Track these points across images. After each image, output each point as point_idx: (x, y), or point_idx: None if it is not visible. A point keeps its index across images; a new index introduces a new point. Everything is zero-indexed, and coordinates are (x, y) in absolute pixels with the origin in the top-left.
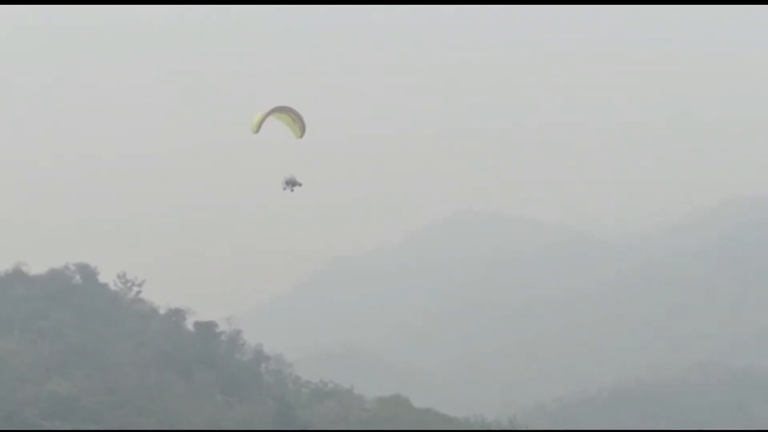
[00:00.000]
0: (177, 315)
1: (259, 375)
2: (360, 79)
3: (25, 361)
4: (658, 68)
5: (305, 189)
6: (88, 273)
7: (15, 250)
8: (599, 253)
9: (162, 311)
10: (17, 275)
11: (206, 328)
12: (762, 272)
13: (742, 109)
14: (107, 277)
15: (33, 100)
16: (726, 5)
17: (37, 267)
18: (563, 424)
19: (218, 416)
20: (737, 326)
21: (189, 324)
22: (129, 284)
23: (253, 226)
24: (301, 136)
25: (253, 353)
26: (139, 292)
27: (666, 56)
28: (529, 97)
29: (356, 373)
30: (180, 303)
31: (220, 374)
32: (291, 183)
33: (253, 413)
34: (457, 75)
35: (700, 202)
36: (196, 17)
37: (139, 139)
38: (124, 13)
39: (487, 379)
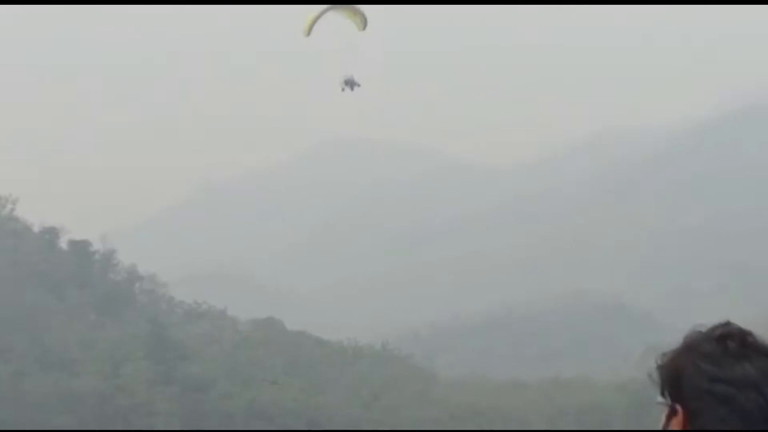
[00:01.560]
0: (51, 233)
1: (132, 295)
2: None
3: None
4: None
5: (191, 106)
6: None
7: None
8: (477, 182)
9: (36, 229)
10: None
11: (80, 247)
12: (638, 203)
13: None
14: None
15: None
16: None
17: None
18: (435, 349)
19: (91, 335)
20: (608, 257)
21: (63, 242)
22: (2, 201)
23: (132, 144)
24: (364, 28)
25: (127, 273)
26: (12, 209)
27: None
28: (409, 19)
29: (231, 295)
30: (54, 221)
31: (93, 293)
32: (350, 83)
33: (125, 333)
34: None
35: (574, 132)
36: None
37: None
38: None
39: (362, 304)
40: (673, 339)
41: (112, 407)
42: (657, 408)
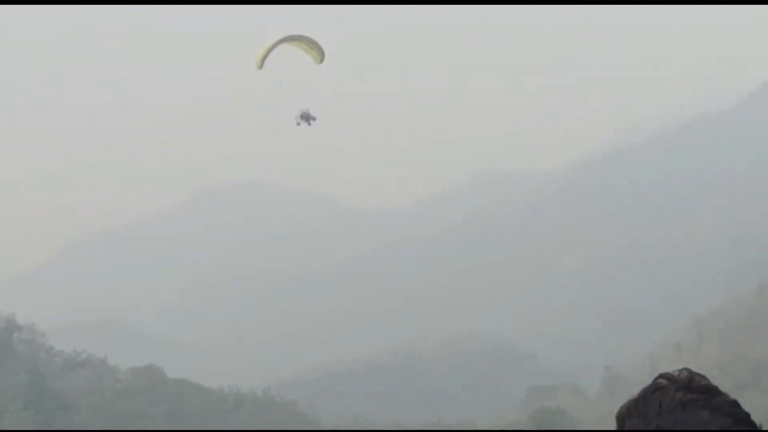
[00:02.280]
0: None
1: (11, 345)
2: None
3: None
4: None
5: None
6: None
7: None
8: (364, 226)
9: None
10: None
11: None
12: (523, 245)
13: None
14: None
15: None
16: None
17: None
18: (319, 395)
19: None
20: (493, 299)
21: None
22: None
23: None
24: (321, 61)
25: (5, 323)
26: None
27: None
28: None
29: (112, 343)
30: None
31: None
32: (306, 117)
33: (4, 383)
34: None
35: (458, 175)
36: None
37: None
38: None
39: (244, 351)
40: (557, 381)
41: None
42: None
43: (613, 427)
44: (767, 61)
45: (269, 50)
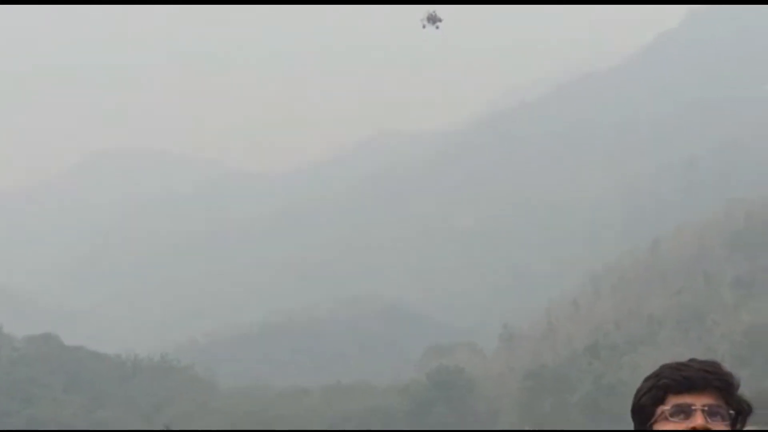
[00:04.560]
0: None
1: None
2: None
3: None
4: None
5: None
6: None
7: None
8: (254, 189)
9: None
10: None
11: None
12: (414, 206)
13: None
14: None
15: None
16: None
17: None
18: (216, 359)
19: None
20: (388, 260)
21: None
22: None
23: None
24: None
25: None
26: None
27: None
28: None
29: (7, 313)
30: None
31: None
32: (433, 19)
33: None
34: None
35: (349, 137)
36: None
37: None
38: None
39: (140, 317)
40: (454, 340)
41: None
42: (437, 408)
43: (512, 382)
44: (657, 19)
45: None
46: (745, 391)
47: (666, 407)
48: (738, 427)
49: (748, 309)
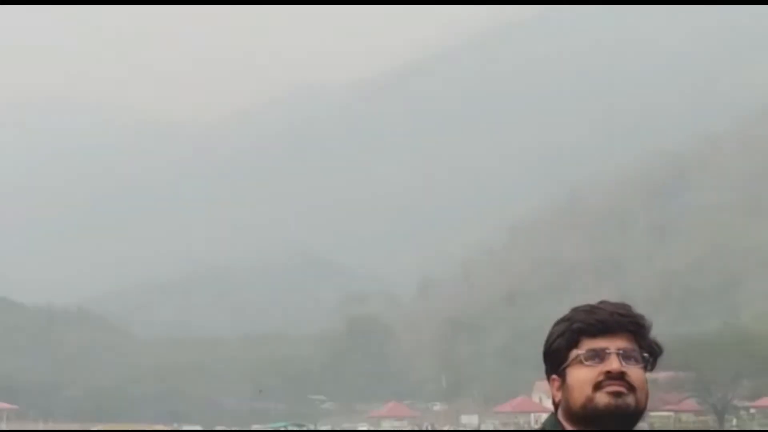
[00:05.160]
0: None
1: None
2: None
3: None
4: None
5: None
6: None
7: None
8: (169, 140)
9: None
10: None
11: None
12: (327, 155)
13: None
14: None
15: None
16: None
17: None
18: (132, 309)
19: None
20: (304, 210)
21: None
22: None
23: None
24: None
25: None
26: None
27: None
28: None
29: None
30: None
31: None
32: None
33: None
34: None
35: (268, 87)
36: None
37: None
38: None
39: (56, 266)
40: (368, 288)
41: None
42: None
43: (426, 331)
44: None
45: None
46: (660, 336)
47: (580, 351)
48: (649, 368)
49: (662, 256)
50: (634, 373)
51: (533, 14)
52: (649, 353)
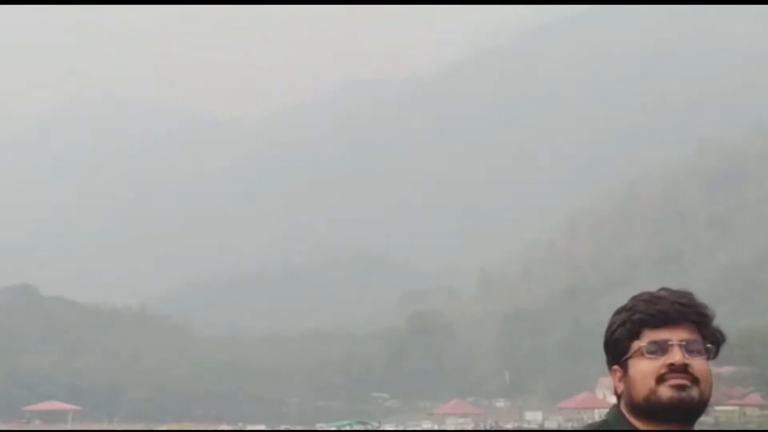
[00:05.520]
0: None
1: None
2: None
3: None
4: None
5: None
6: None
7: None
8: (224, 136)
9: None
10: None
11: None
12: (385, 153)
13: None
14: None
15: None
16: None
17: None
18: (193, 308)
19: None
20: (361, 206)
21: None
22: None
23: None
24: None
25: None
26: None
27: None
28: None
29: None
30: None
31: None
32: None
33: None
34: None
35: (320, 83)
36: None
37: None
38: None
39: (118, 266)
40: (428, 284)
41: None
42: (415, 353)
43: (490, 326)
44: None
45: None
46: (722, 330)
47: (642, 343)
48: (712, 357)
49: (723, 248)
50: (698, 364)
51: (587, 10)
52: (713, 343)
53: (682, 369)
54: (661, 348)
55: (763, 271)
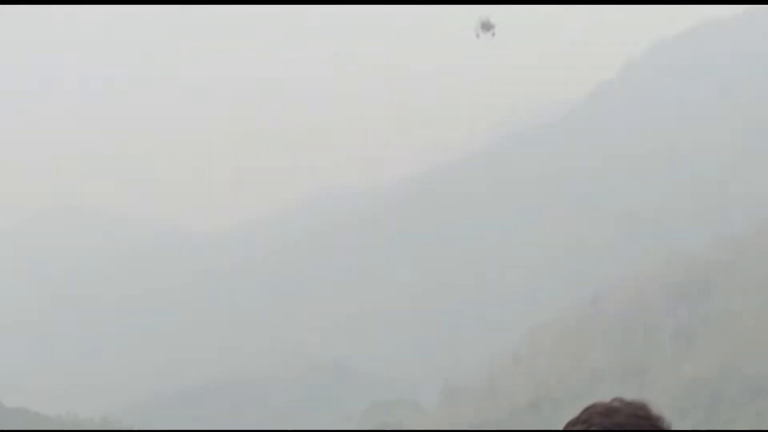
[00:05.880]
0: None
1: None
2: None
3: None
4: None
5: None
6: None
7: None
8: (186, 249)
9: None
10: None
11: None
12: (358, 261)
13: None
14: None
15: None
16: None
17: None
18: (157, 419)
19: None
20: (328, 317)
21: None
22: None
23: None
24: None
25: None
26: None
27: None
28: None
29: None
30: None
31: None
32: (487, 27)
33: None
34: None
35: (287, 195)
36: None
37: None
38: None
39: (80, 379)
40: (393, 395)
41: None
42: None
43: None
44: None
45: None
46: None
47: None
48: None
49: (687, 361)
50: None
51: (551, 120)
52: None
53: None
54: None
55: (728, 384)
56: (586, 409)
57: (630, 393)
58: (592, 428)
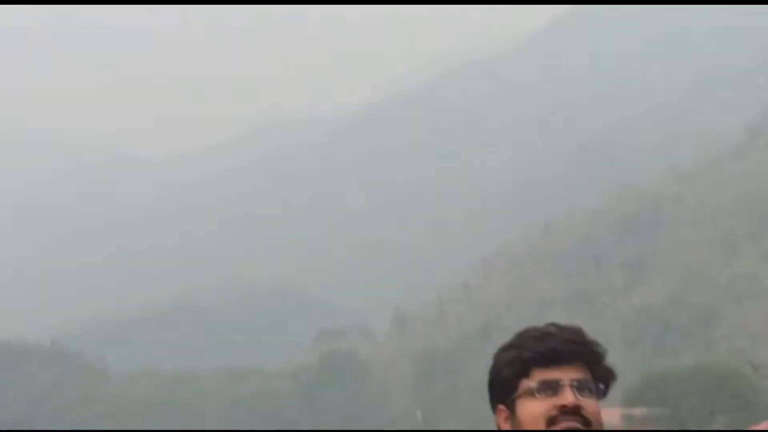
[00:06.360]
0: None
1: None
2: None
3: None
4: None
5: None
6: None
7: None
8: (142, 174)
9: None
10: None
11: None
12: (305, 191)
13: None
14: None
15: None
16: None
17: None
18: (105, 344)
19: None
20: (277, 245)
21: None
22: None
23: None
24: None
25: None
26: None
27: None
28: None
29: None
30: None
31: None
32: None
33: None
34: None
35: (240, 121)
36: None
37: None
38: None
39: (28, 301)
40: (343, 323)
41: None
42: (329, 392)
43: (404, 366)
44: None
45: None
46: (635, 372)
47: (531, 382)
48: (602, 396)
49: (637, 291)
50: (589, 405)
51: (505, 51)
52: (603, 382)
53: (574, 411)
54: (552, 388)
55: (677, 314)
56: (520, 334)
57: (579, 322)
58: (525, 353)
